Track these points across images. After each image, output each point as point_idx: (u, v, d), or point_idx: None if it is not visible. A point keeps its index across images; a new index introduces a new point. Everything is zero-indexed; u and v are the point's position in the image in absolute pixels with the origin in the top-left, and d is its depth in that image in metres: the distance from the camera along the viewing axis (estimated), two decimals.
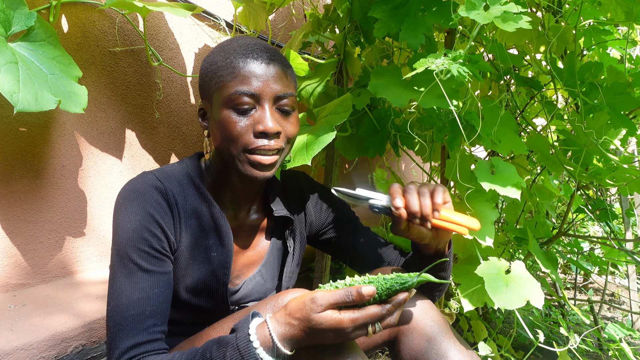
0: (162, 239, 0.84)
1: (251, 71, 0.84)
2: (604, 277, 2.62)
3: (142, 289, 0.80)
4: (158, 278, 0.82)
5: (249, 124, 0.84)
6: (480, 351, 1.22)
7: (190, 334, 0.91)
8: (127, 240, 0.81)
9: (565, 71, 1.23)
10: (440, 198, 0.82)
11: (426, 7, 0.99)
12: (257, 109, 0.84)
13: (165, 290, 0.83)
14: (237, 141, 0.84)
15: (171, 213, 0.86)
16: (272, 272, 1.03)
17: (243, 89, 0.83)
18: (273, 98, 0.85)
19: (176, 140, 1.55)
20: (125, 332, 0.77)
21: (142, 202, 0.84)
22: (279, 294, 0.80)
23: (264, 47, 0.88)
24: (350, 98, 1.04)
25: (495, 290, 0.96)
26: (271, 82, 0.84)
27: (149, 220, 0.83)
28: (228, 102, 0.84)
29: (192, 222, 0.89)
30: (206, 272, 0.90)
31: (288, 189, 1.07)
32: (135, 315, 0.78)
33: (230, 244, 0.92)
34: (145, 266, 0.81)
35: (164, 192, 0.86)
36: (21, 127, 1.14)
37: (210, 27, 1.62)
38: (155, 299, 0.80)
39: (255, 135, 0.84)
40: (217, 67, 0.86)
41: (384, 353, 1.69)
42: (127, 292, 0.79)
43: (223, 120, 0.84)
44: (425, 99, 0.96)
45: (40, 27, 1.04)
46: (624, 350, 1.26)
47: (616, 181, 1.31)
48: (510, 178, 1.00)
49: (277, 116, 0.86)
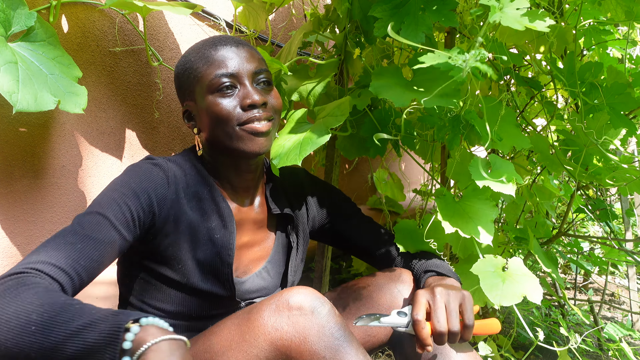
0: (145, 209, 0.84)
1: (224, 55, 0.90)
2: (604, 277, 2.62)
3: (93, 230, 0.76)
4: (113, 235, 0.79)
5: (235, 103, 0.89)
6: (480, 351, 1.22)
7: (199, 329, 0.91)
8: (112, 195, 0.82)
9: (565, 71, 1.23)
10: (470, 317, 0.86)
11: (426, 5, 0.99)
12: (240, 87, 0.90)
13: (110, 250, 0.78)
14: (228, 120, 0.88)
15: (167, 188, 0.88)
16: (277, 267, 1.04)
17: (222, 71, 0.89)
18: (251, 75, 0.91)
19: (176, 140, 1.55)
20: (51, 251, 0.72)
21: (139, 174, 0.87)
22: (283, 291, 0.81)
23: (228, 37, 0.96)
24: (348, 101, 1.04)
25: (490, 288, 0.95)
26: (245, 61, 0.91)
27: (142, 189, 0.85)
28: (210, 88, 0.89)
29: (194, 204, 0.92)
30: (211, 253, 0.92)
31: (288, 185, 1.08)
32: (69, 245, 0.73)
33: (233, 226, 0.94)
34: (113, 221, 0.79)
35: (166, 170, 0.90)
36: (21, 127, 1.14)
37: (210, 27, 1.62)
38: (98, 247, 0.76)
39: (244, 109, 0.89)
40: (191, 62, 0.92)
41: (384, 353, 1.69)
42: (82, 225, 0.77)
43: (210, 106, 0.89)
44: (427, 98, 0.96)
45: (40, 27, 1.04)
46: (624, 350, 1.26)
47: (616, 181, 1.31)
48: (506, 175, 1.00)
49: (259, 90, 0.92)
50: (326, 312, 0.77)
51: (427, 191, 1.64)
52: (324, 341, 0.75)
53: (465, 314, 0.86)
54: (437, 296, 0.86)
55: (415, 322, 0.85)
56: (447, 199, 1.06)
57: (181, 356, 0.58)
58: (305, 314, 0.76)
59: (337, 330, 0.76)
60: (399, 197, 2.06)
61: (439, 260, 1.07)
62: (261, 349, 0.76)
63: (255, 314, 0.78)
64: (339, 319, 0.79)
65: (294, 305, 0.77)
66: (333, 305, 0.80)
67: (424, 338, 0.84)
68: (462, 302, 0.87)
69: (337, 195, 1.16)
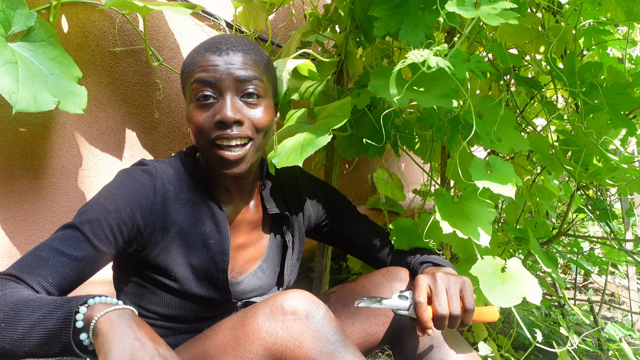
0: (127, 222, 0.84)
1: (209, 60, 0.84)
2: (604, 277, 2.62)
3: (69, 245, 0.79)
4: (89, 250, 0.81)
5: (209, 115, 0.84)
6: (480, 351, 1.22)
7: (196, 332, 0.91)
8: (94, 207, 0.82)
9: (565, 71, 1.23)
10: (471, 302, 0.86)
11: (426, 5, 0.99)
12: (219, 99, 0.85)
13: (84, 265, 0.80)
14: (201, 134, 0.85)
15: (154, 198, 0.86)
16: (273, 267, 1.04)
17: (201, 77, 0.84)
18: (234, 86, 0.84)
19: (176, 140, 1.55)
20: (22, 263, 0.77)
21: (125, 184, 0.85)
22: (277, 295, 0.80)
23: (225, 40, 0.88)
24: (349, 102, 1.04)
25: (490, 289, 0.95)
26: (231, 69, 0.84)
27: (125, 201, 0.84)
28: (192, 96, 0.86)
29: (187, 209, 0.90)
30: (205, 259, 0.91)
31: (284, 184, 1.08)
32: (41, 260, 0.77)
33: (227, 231, 0.93)
34: (89, 236, 0.80)
35: (154, 178, 0.87)
36: (21, 127, 1.14)
37: (210, 27, 1.62)
38: (69, 261, 0.79)
39: (215, 126, 0.84)
40: (184, 66, 0.90)
41: (384, 353, 1.69)
42: (58, 240, 0.80)
43: (189, 115, 0.87)
44: (426, 98, 0.96)
45: (40, 27, 1.04)
46: (624, 350, 1.26)
47: (616, 181, 1.31)
48: (506, 176, 1.00)
49: (239, 105, 0.85)
50: (321, 317, 0.77)
51: (426, 191, 1.64)
52: (319, 346, 0.75)
53: (465, 298, 0.87)
54: (438, 280, 0.86)
55: (417, 304, 0.85)
56: (446, 199, 1.06)
57: (129, 318, 0.65)
58: (300, 319, 0.76)
59: (333, 335, 0.76)
60: (398, 197, 2.06)
61: (434, 253, 1.07)
62: (256, 355, 0.75)
63: (249, 319, 0.77)
64: (334, 323, 0.78)
65: (289, 310, 0.77)
66: (328, 309, 0.80)
67: (425, 321, 0.84)
68: (462, 287, 0.87)
69: (333, 194, 1.16)
